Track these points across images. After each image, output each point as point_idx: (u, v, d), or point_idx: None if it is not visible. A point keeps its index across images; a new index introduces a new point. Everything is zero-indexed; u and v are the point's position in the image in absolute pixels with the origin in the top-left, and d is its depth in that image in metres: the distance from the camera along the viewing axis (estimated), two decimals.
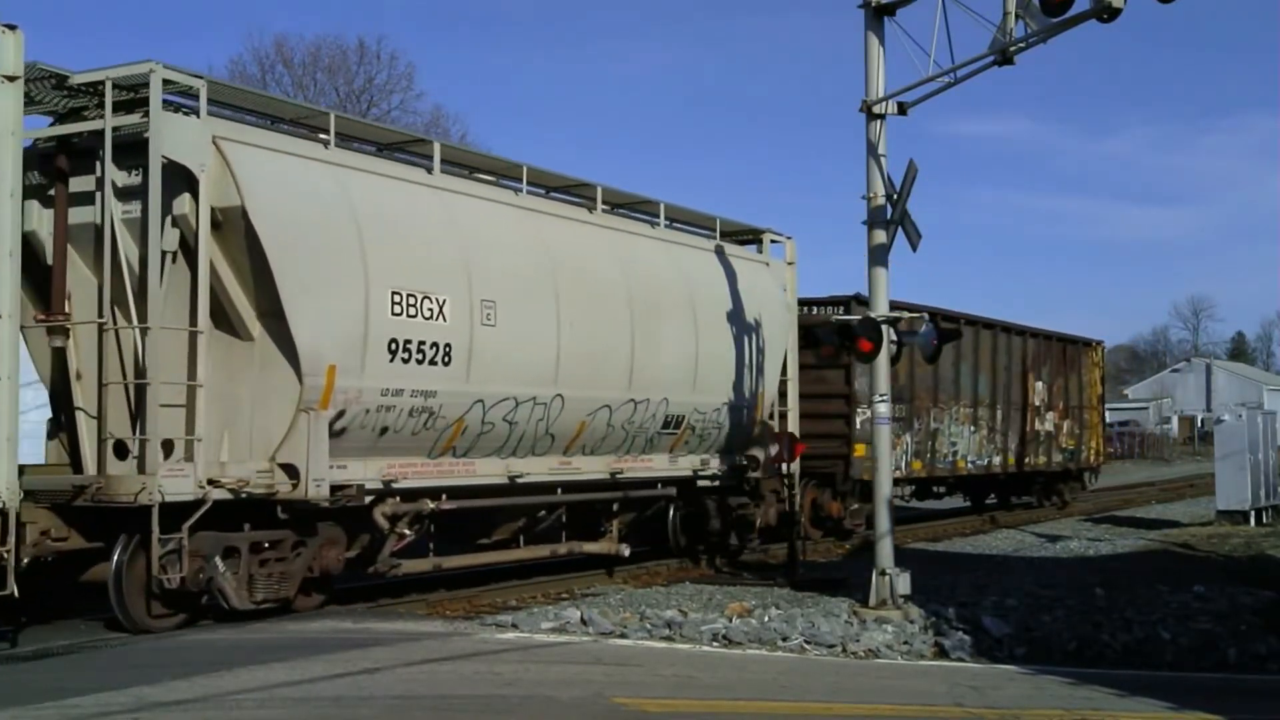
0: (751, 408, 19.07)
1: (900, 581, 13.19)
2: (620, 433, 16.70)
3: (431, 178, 14.56)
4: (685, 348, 17.69)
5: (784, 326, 20.03)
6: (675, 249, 18.33)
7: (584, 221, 16.72)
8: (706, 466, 18.59)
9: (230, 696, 8.61)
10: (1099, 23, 11.77)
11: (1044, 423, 30.09)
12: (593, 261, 16.38)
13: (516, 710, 8.42)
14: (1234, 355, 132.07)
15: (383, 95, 48.92)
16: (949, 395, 25.38)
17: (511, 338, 14.69)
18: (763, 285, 19.78)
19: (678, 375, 17.47)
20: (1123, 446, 76.22)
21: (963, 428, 26.00)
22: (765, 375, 19.39)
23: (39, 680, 9.33)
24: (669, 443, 17.73)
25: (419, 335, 13.55)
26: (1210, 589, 14.57)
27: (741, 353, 18.69)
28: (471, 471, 14.76)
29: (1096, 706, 8.86)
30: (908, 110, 13.61)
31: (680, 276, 17.92)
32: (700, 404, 17.99)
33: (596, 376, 15.99)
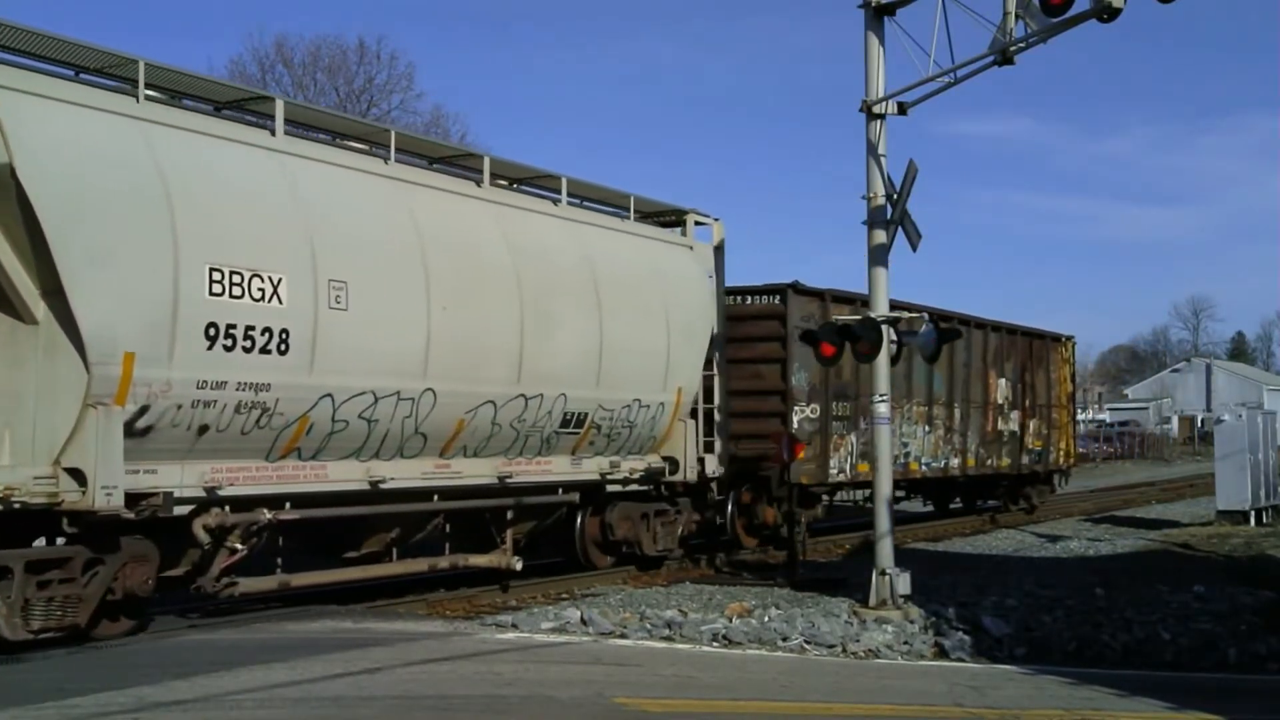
0: (669, 405, 17.45)
1: (900, 581, 13.19)
2: (509, 432, 15.01)
3: (274, 140, 12.69)
4: (587, 338, 15.97)
5: (708, 316, 18.38)
6: (579, 229, 16.49)
7: (466, 195, 14.91)
8: (616, 469, 16.91)
9: (230, 696, 8.61)
10: (1099, 23, 11.76)
11: (1008, 422, 28.06)
12: (475, 239, 14.60)
13: (516, 710, 8.42)
14: (1234, 355, 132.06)
15: (383, 95, 48.90)
16: (900, 393, 23.18)
17: (368, 323, 12.94)
18: (684, 270, 18.17)
19: (578, 368, 15.79)
20: (1123, 446, 76.28)
21: (916, 427, 24.06)
22: (685, 369, 17.73)
23: (39, 680, 9.32)
24: (571, 443, 16.06)
25: (247, 319, 11.74)
26: (1210, 589, 14.57)
27: (656, 344, 17.12)
28: (322, 476, 12.98)
29: (1097, 706, 8.86)
30: (908, 110, 13.60)
31: (583, 259, 16.14)
32: (606, 400, 16.27)
33: (477, 368, 14.31)
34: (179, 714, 8.06)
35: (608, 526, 17.22)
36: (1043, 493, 31.29)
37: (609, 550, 17.64)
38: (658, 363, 17.19)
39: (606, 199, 17.73)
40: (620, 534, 17.25)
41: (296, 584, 13.44)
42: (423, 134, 15.00)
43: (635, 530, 17.42)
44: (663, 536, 17.86)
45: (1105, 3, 11.50)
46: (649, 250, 17.61)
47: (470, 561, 15.29)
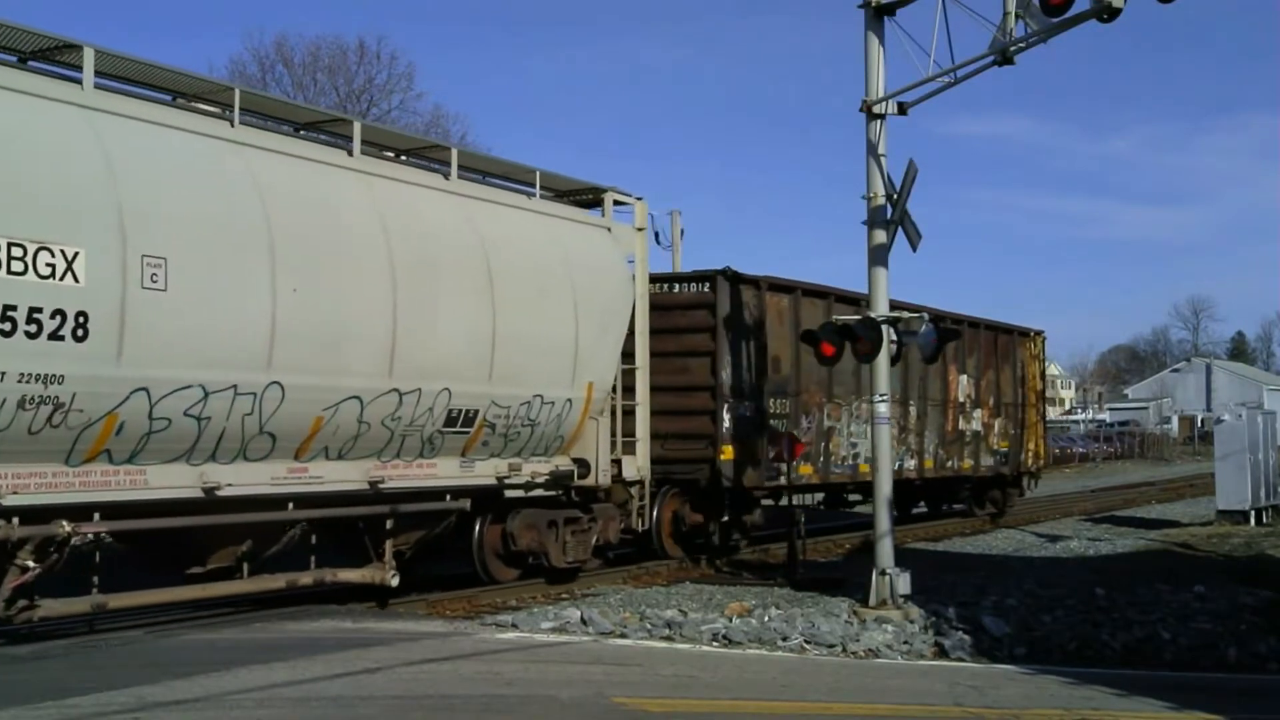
0: (578, 401, 15.86)
1: (900, 581, 13.19)
2: (381, 432, 13.35)
3: (82, 94, 10.99)
4: (477, 327, 14.30)
5: (626, 304, 16.77)
6: (471, 205, 14.72)
7: (331, 165, 13.19)
8: (517, 473, 15.22)
9: (230, 696, 8.61)
10: (1099, 23, 11.77)
11: (970, 422, 26.24)
12: (339, 215, 12.96)
13: (517, 710, 8.42)
14: (1234, 355, 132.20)
15: (383, 95, 48.89)
16: (847, 389, 21.58)
17: (193, 306, 11.23)
18: (598, 254, 16.47)
19: (466, 360, 14.15)
20: (1123, 446, 76.33)
21: (865, 426, 21.65)
22: (598, 362, 16.09)
23: (39, 680, 9.32)
24: (460, 444, 14.43)
25: (29, 299, 10.11)
26: (1210, 589, 14.58)
27: (562, 335, 15.53)
28: (140, 483, 11.29)
29: (1097, 706, 8.86)
30: (908, 110, 13.61)
31: (474, 239, 14.45)
32: (501, 396, 14.62)
33: (337, 360, 12.67)
34: (179, 714, 8.07)
35: (509, 536, 15.56)
36: (1010, 496, 29.56)
37: (513, 562, 16.07)
38: (564, 355, 15.58)
39: (510, 174, 16.09)
40: (523, 544, 15.59)
41: (115, 605, 11.76)
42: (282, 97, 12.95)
43: (541, 540, 15.75)
44: (573, 547, 16.19)
45: (1105, 3, 11.51)
46: (556, 231, 15.88)
47: (340, 577, 13.67)
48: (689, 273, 19.30)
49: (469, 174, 15.32)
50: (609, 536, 16.90)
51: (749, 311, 19.02)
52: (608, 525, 16.79)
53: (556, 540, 16.02)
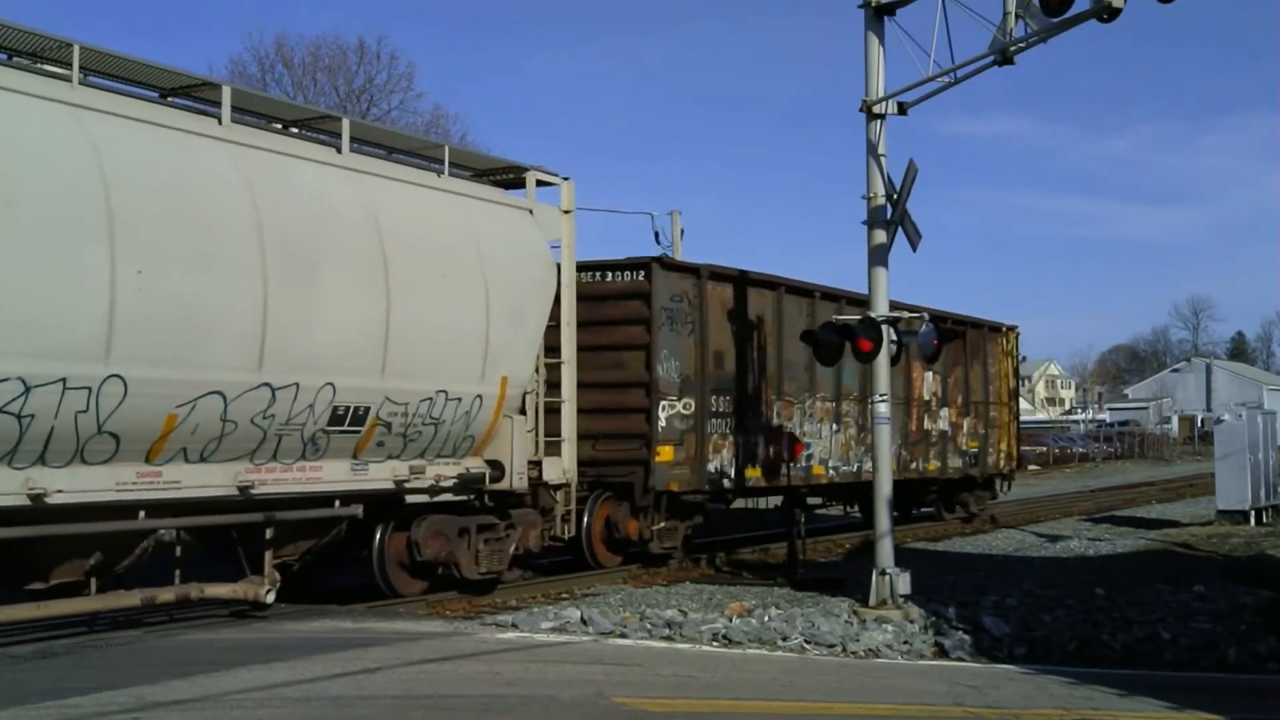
0: (490, 398, 14.60)
1: (900, 581, 13.19)
2: (252, 431, 12.01)
3: None
4: (368, 315, 13.07)
5: (548, 292, 15.60)
6: (364, 181, 13.45)
7: (192, 133, 11.78)
8: (419, 476, 14.01)
9: (230, 696, 8.61)
10: (1099, 23, 11.78)
11: (936, 421, 24.86)
12: (200, 186, 11.58)
13: (517, 710, 8.42)
14: (1234, 355, 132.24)
15: (383, 95, 48.87)
16: (799, 386, 20.30)
17: (10, 287, 10.03)
18: (517, 237, 15.22)
19: (353, 352, 12.90)
20: (1123, 446, 76.35)
21: (820, 426, 20.93)
22: (513, 355, 14.88)
23: (39, 680, 9.32)
24: (349, 445, 13.16)
25: None
26: (1210, 589, 14.58)
27: (470, 325, 14.28)
28: None
29: (1097, 706, 8.86)
30: (908, 110, 13.61)
31: (366, 218, 13.20)
32: (397, 392, 13.37)
33: (195, 350, 11.32)
34: (179, 714, 8.07)
35: (414, 545, 14.30)
36: (982, 499, 28.33)
37: (420, 573, 14.84)
38: (473, 347, 14.31)
39: (416, 150, 15.05)
40: (429, 554, 14.32)
41: None
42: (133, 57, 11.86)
43: (451, 549, 14.53)
44: (488, 556, 14.95)
45: (1105, 3, 11.52)
46: (467, 212, 14.59)
47: (207, 593, 12.38)
48: (621, 260, 17.99)
49: (369, 148, 14.27)
50: (530, 545, 15.58)
51: (688, 302, 17.93)
52: (528, 533, 15.52)
53: (468, 549, 14.75)
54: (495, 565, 15.12)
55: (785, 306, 19.98)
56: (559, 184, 16.47)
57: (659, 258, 17.83)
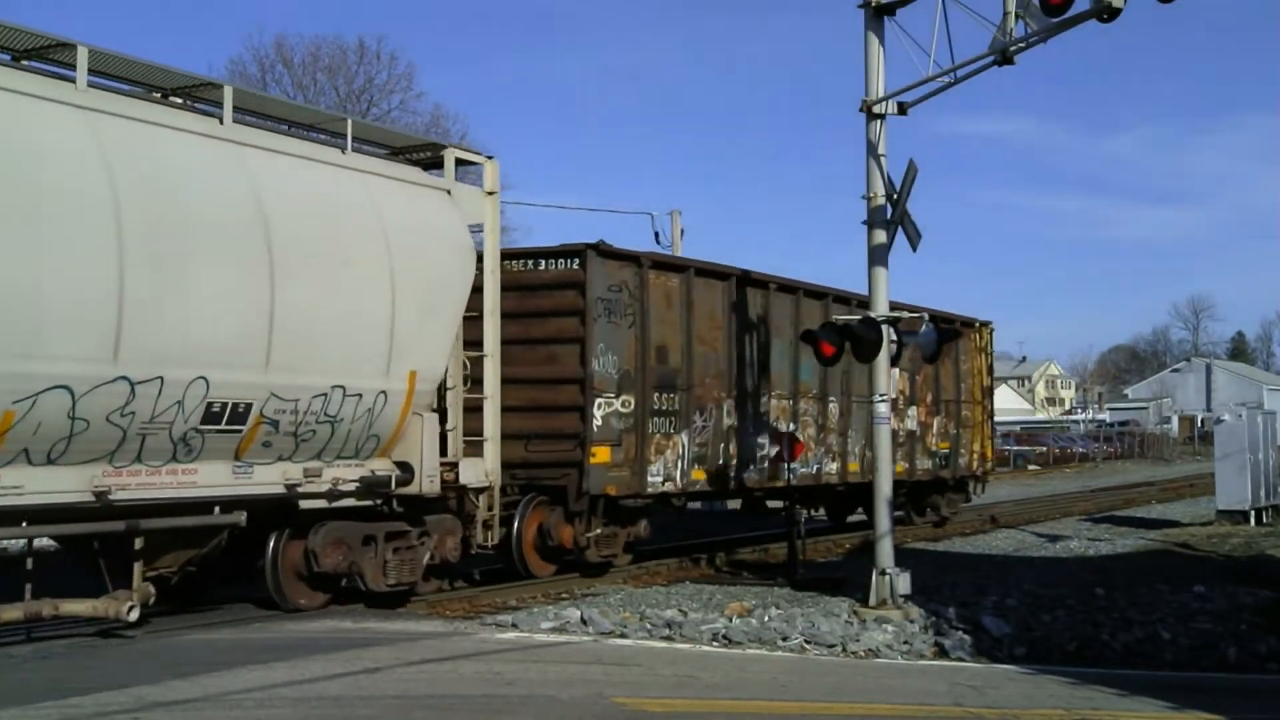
0: (397, 394, 13.48)
1: (900, 581, 13.20)
2: (108, 430, 10.84)
3: None
4: (248, 301, 11.83)
5: (466, 279, 14.41)
6: (248, 155, 12.23)
7: (34, 96, 10.62)
8: (315, 480, 12.83)
9: (230, 696, 8.61)
10: (1099, 23, 11.78)
11: (904, 420, 23.52)
12: (41, 156, 10.47)
13: (517, 710, 8.42)
14: (1234, 355, 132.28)
15: (383, 95, 48.92)
16: (755, 383, 19.26)
17: None
18: (430, 219, 14.12)
19: (231, 342, 11.66)
20: (1123, 446, 76.37)
21: (778, 425, 19.91)
22: (424, 348, 13.80)
23: (39, 680, 9.33)
24: (231, 445, 11.91)
25: None
26: (1210, 589, 14.58)
27: (373, 314, 13.19)
28: None
29: (1097, 706, 8.86)
30: (908, 110, 13.61)
31: (249, 195, 11.99)
32: (285, 387, 12.18)
33: (32, 339, 10.22)
34: (179, 714, 8.07)
35: (311, 554, 13.11)
36: (954, 502, 26.96)
37: (320, 585, 13.64)
38: (376, 338, 13.23)
39: (317, 124, 13.97)
40: (328, 564, 13.13)
41: None
42: None
43: (353, 559, 13.34)
44: (397, 566, 13.73)
45: (1105, 3, 11.51)
46: (371, 191, 13.47)
47: (62, 609, 11.11)
48: (554, 247, 16.88)
49: (260, 121, 13.15)
50: (446, 553, 14.35)
51: (628, 292, 16.72)
52: (445, 540, 14.33)
53: (375, 559, 13.55)
54: (406, 576, 13.86)
55: (734, 298, 18.87)
56: (482, 163, 15.22)
57: (595, 244, 16.48)
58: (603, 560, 17.09)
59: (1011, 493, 41.27)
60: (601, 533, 16.82)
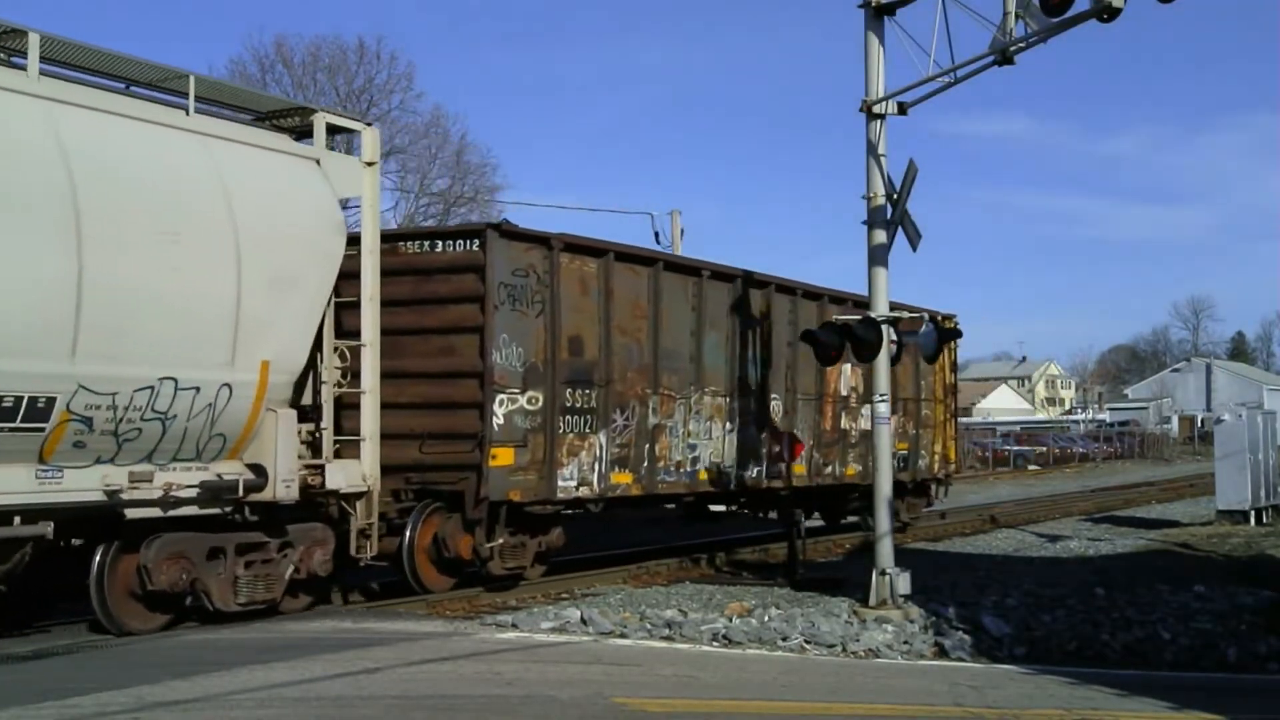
0: (246, 387, 11.98)
1: (900, 581, 13.20)
2: None
3: None
4: (47, 276, 10.35)
5: (333, 257, 13.00)
6: (57, 112, 10.75)
7: None
8: (144, 485, 11.33)
9: (230, 696, 8.61)
10: (1099, 23, 11.77)
11: (857, 420, 21.99)
12: None
13: (517, 710, 8.42)
14: (1234, 355, 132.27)
15: (383, 95, 48.91)
16: (684, 379, 17.77)
17: None
18: (291, 190, 12.77)
19: (26, 325, 10.20)
20: (1123, 446, 76.38)
21: (708, 424, 18.24)
22: (281, 333, 12.35)
23: (39, 680, 9.33)
24: (33, 446, 10.45)
25: None
26: (1210, 589, 14.57)
27: (215, 294, 11.66)
28: None
29: (1097, 706, 8.86)
30: (908, 110, 13.61)
31: (53, 155, 10.55)
32: (98, 378, 10.69)
33: None
34: (179, 714, 8.06)
35: (144, 571, 11.59)
36: (914, 507, 25.17)
37: (160, 605, 12.08)
38: (218, 323, 11.72)
39: (157, 81, 12.29)
40: (163, 582, 11.62)
41: None
42: None
43: (196, 574, 11.90)
44: (250, 583, 12.38)
45: (1105, 3, 11.51)
46: (214, 157, 11.97)
47: None
48: (451, 227, 15.74)
49: (81, 75, 11.61)
50: (314, 567, 12.98)
51: (536, 277, 15.24)
52: (310, 552, 12.93)
53: (223, 574, 12.15)
54: (261, 594, 12.50)
55: (664, 287, 17.38)
56: (359, 130, 13.86)
57: (497, 223, 15.29)
58: (509, 573, 15.49)
59: (1011, 493, 41.30)
60: (506, 543, 15.23)
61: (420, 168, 49.59)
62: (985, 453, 61.04)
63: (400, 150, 48.88)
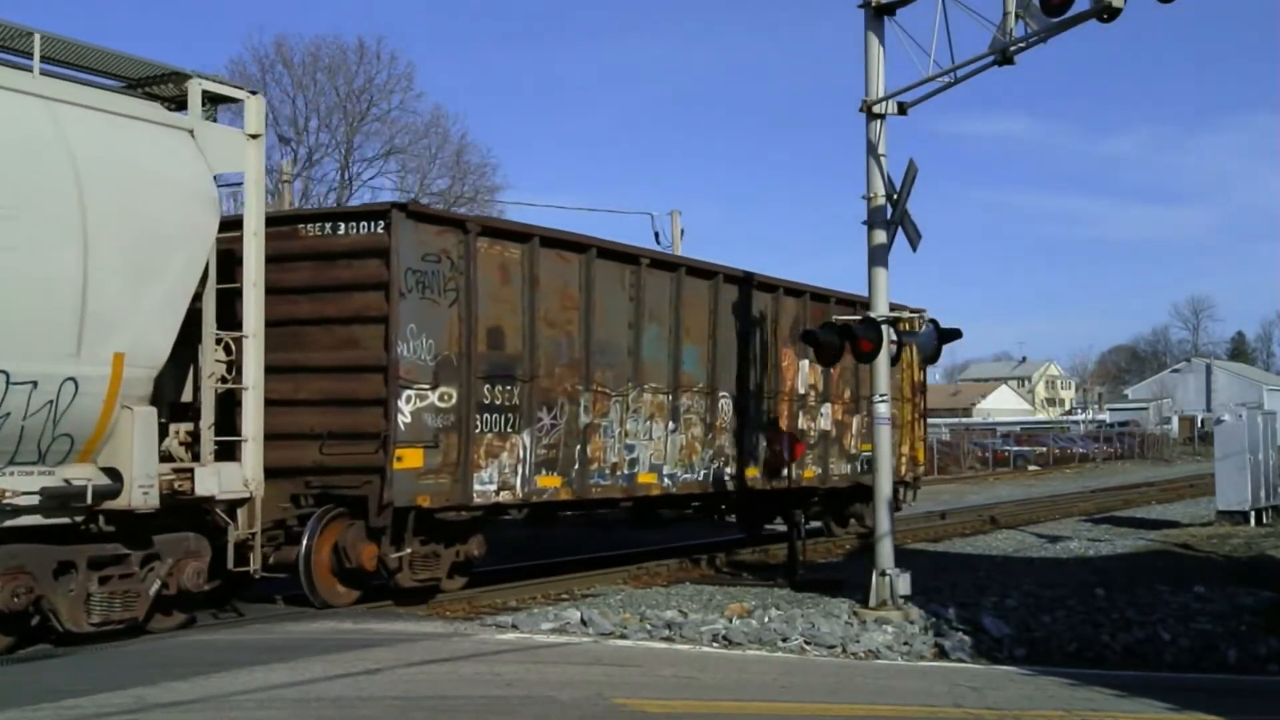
0: (94, 382, 10.86)
1: (900, 582, 13.19)
2: None
3: None
4: None
5: (205, 237, 11.87)
6: None
7: None
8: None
9: (230, 697, 8.60)
10: (1099, 23, 11.77)
11: (816, 419, 20.92)
12: None
13: (517, 711, 8.42)
14: (1234, 355, 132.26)
15: (383, 95, 48.92)
16: (620, 374, 16.61)
17: None
18: (154, 163, 11.61)
19: None
20: (1123, 446, 76.39)
21: (649, 424, 17.11)
22: (141, 322, 11.24)
23: (39, 680, 9.32)
24: None
25: None
26: (1210, 589, 14.56)
27: (51, 276, 10.54)
28: None
29: (1097, 707, 8.85)
30: (908, 110, 13.60)
31: None
32: None
33: None
34: (179, 714, 8.06)
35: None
36: None
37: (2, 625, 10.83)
38: (59, 310, 10.57)
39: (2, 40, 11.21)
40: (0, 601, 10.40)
41: None
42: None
43: (42, 592, 10.78)
44: (105, 601, 11.17)
45: (1105, 3, 11.51)
46: (58, 122, 10.80)
47: None
48: (355, 207, 14.21)
49: None
50: (185, 582, 11.77)
51: (450, 264, 14.10)
52: (182, 566, 11.73)
53: (74, 591, 10.94)
54: (119, 613, 11.22)
55: (598, 275, 16.20)
56: (244, 100, 12.68)
57: (404, 203, 14.20)
58: (421, 585, 14.29)
59: (1011, 493, 41.31)
60: (416, 552, 14.06)
61: (420, 168, 49.67)
62: (985, 453, 61.06)
63: (400, 150, 48.96)
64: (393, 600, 14.39)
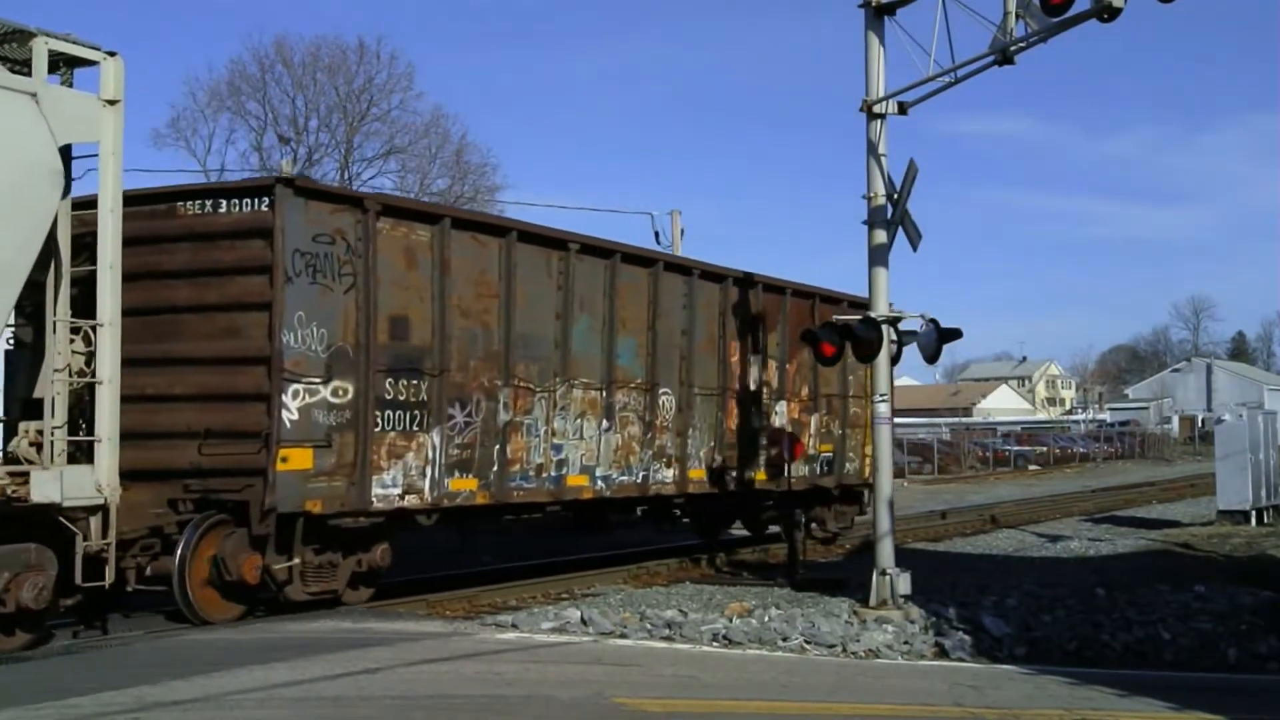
0: None
1: (901, 581, 13.19)
2: None
3: None
4: None
5: (44, 210, 10.71)
6: None
7: None
8: None
9: (230, 696, 8.60)
10: (1099, 22, 11.77)
11: (773, 418, 19.88)
12: None
13: (517, 710, 8.42)
14: (1234, 355, 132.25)
15: (383, 95, 48.94)
16: (545, 368, 15.49)
17: None
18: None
19: None
20: (1123, 446, 76.39)
21: (579, 422, 15.99)
22: None
23: (39, 680, 9.33)
24: None
25: None
26: (1211, 589, 14.56)
27: None
28: None
29: (1097, 707, 8.85)
30: (908, 110, 13.60)
31: None
32: None
33: None
34: (179, 714, 8.06)
35: None
36: (843, 515, 22.47)
37: None
38: None
39: None
40: None
41: None
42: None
43: None
44: None
45: (1105, 3, 11.51)
46: None
47: None
48: (236, 182, 13.51)
49: None
50: (24, 599, 10.48)
51: (346, 246, 12.99)
52: (20, 581, 10.45)
53: None
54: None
55: (520, 261, 15.07)
56: (99, 61, 11.40)
57: (291, 178, 13.03)
58: (315, 599, 13.14)
59: (1012, 493, 41.30)
60: (308, 562, 12.94)
61: (420, 168, 49.68)
62: (986, 453, 61.06)
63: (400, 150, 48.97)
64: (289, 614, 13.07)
